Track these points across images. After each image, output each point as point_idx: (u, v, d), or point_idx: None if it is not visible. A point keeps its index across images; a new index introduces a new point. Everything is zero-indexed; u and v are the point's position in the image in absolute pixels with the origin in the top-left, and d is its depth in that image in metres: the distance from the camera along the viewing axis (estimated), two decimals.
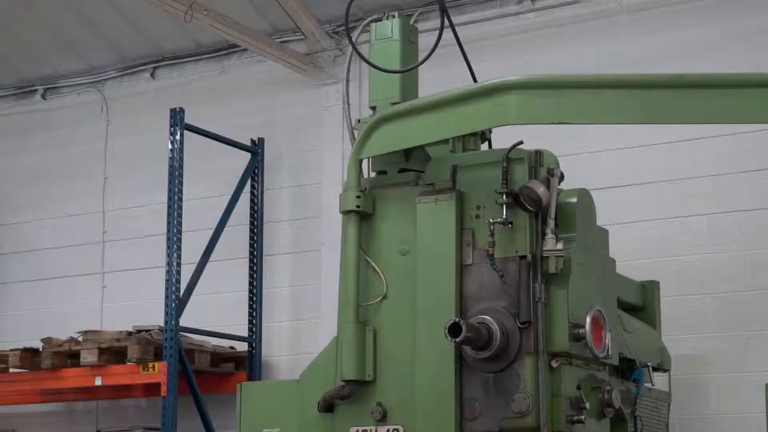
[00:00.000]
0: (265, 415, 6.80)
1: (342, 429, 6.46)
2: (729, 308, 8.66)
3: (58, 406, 11.24)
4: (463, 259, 6.29)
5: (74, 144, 11.68)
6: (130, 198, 11.27)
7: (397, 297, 6.44)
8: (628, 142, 9.10)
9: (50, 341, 10.02)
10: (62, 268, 11.46)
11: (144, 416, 10.67)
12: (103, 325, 10.91)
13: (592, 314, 6.20)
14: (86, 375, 9.74)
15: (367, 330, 6.44)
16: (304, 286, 10.34)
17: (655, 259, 8.83)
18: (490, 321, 6.05)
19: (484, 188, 6.28)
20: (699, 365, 8.65)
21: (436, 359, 6.18)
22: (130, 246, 11.18)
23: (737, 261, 8.69)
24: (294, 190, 10.58)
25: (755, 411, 8.06)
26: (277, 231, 10.54)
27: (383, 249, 6.53)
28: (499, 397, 6.07)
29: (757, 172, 8.75)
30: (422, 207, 6.40)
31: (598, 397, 6.34)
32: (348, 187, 6.58)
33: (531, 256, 6.10)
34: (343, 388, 6.41)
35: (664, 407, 7.74)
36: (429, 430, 6.17)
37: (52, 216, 11.66)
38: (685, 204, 8.93)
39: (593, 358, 6.28)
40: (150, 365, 9.40)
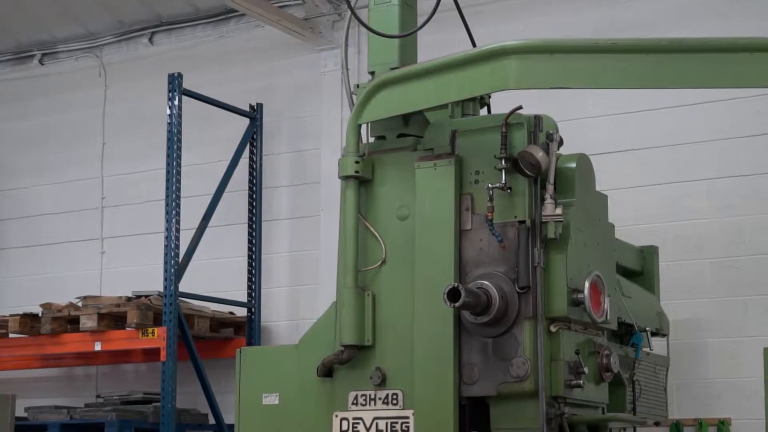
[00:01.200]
0: (264, 380, 6.82)
1: (341, 394, 6.48)
2: (727, 273, 8.68)
3: (58, 372, 11.28)
4: (462, 224, 6.29)
5: (72, 109, 11.67)
6: (128, 163, 11.27)
7: (396, 262, 6.44)
8: (628, 107, 9.09)
9: (49, 306, 10.04)
10: (61, 234, 11.48)
11: (143, 381, 10.71)
12: (102, 291, 10.94)
13: (591, 279, 6.20)
14: (86, 340, 9.77)
15: (366, 295, 6.45)
16: (303, 252, 10.35)
17: (653, 225, 8.85)
18: (488, 286, 6.06)
19: (483, 153, 6.27)
20: (697, 330, 8.68)
21: (435, 324, 6.19)
22: (128, 212, 11.18)
23: (736, 226, 8.70)
24: (293, 156, 10.57)
25: (753, 375, 8.10)
26: (276, 196, 10.54)
27: (382, 214, 6.53)
28: (498, 361, 6.08)
29: (756, 137, 8.75)
30: (421, 172, 6.39)
31: (596, 361, 6.35)
32: (347, 152, 6.57)
33: (530, 221, 6.10)
34: (342, 353, 6.43)
35: (662, 372, 7.77)
36: (428, 394, 6.18)
37: (50, 182, 11.67)
38: (684, 169, 8.93)
39: (592, 322, 6.29)
40: (149, 330, 9.43)
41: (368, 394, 6.40)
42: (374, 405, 6.37)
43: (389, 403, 6.34)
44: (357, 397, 6.43)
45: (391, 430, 6.31)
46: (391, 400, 6.34)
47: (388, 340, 6.39)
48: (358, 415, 6.42)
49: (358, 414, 6.42)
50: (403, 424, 6.28)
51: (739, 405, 8.50)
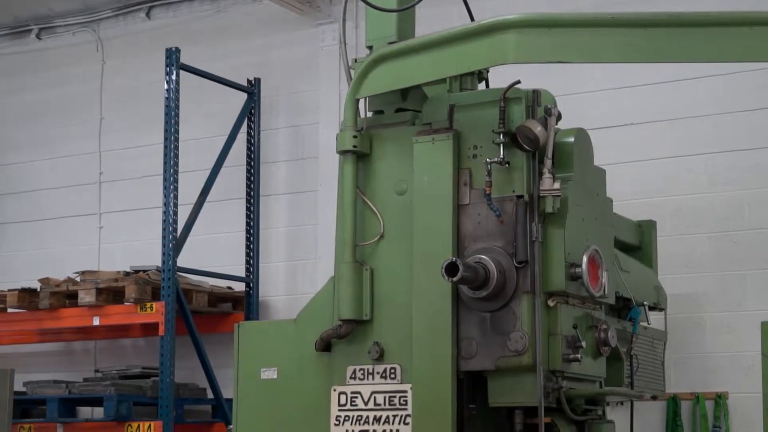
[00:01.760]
0: (263, 355, 6.83)
1: (339, 368, 6.49)
2: (725, 247, 8.69)
3: (57, 346, 11.29)
4: (460, 199, 6.28)
5: (70, 84, 11.64)
6: (126, 138, 11.25)
7: (394, 237, 6.44)
8: (627, 82, 9.08)
9: (48, 281, 10.04)
10: (59, 209, 11.47)
11: (142, 356, 10.72)
12: (100, 266, 10.94)
13: (589, 253, 6.21)
14: (84, 315, 9.78)
15: (364, 270, 6.45)
16: (301, 227, 10.35)
17: (652, 199, 8.85)
18: (487, 260, 6.06)
19: (482, 128, 6.26)
20: (695, 304, 8.69)
21: (433, 298, 6.20)
22: (126, 186, 11.17)
23: (734, 200, 8.70)
24: (290, 131, 10.56)
25: (751, 349, 8.12)
26: (274, 171, 10.53)
27: (380, 189, 6.53)
28: (496, 336, 6.09)
29: (756, 112, 8.74)
30: (419, 147, 6.39)
31: (594, 335, 6.36)
32: (345, 126, 6.56)
33: (528, 195, 6.10)
34: (340, 327, 6.44)
35: (660, 346, 7.78)
36: (426, 369, 6.19)
37: (48, 156, 11.65)
38: (683, 144, 8.92)
39: (590, 297, 6.30)
40: (148, 305, 9.44)
41: (366, 369, 6.41)
42: (372, 379, 6.38)
43: (387, 377, 6.35)
44: (355, 372, 6.44)
45: (389, 404, 6.32)
46: (389, 374, 6.35)
47: (386, 315, 6.39)
48: (356, 390, 6.43)
49: (356, 388, 6.43)
50: (401, 398, 6.30)
51: (736, 379, 8.52)
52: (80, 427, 9.73)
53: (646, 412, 8.57)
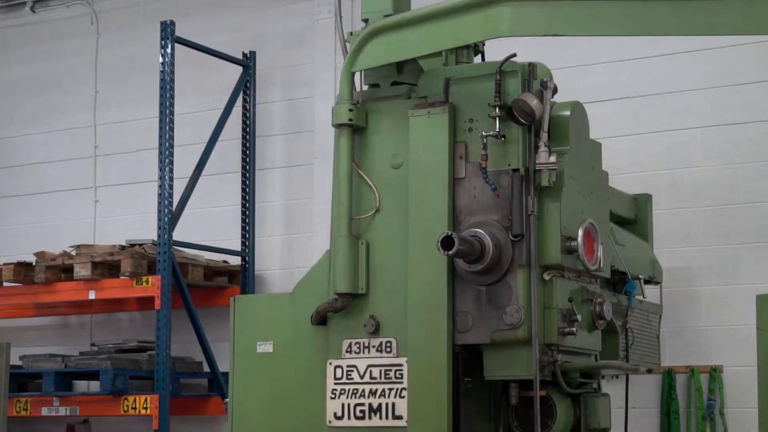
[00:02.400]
0: (259, 328, 6.84)
1: (335, 341, 6.50)
2: (720, 221, 8.69)
3: (53, 320, 11.30)
4: (456, 173, 6.28)
5: (64, 58, 11.60)
6: (121, 112, 11.22)
7: (389, 210, 6.44)
8: (622, 55, 9.06)
9: (43, 255, 10.03)
10: (54, 183, 11.45)
11: (138, 330, 10.73)
12: (96, 240, 10.93)
13: (585, 227, 6.21)
14: (80, 289, 9.77)
15: (360, 243, 6.45)
16: (296, 200, 10.35)
17: (647, 173, 8.84)
18: (482, 234, 6.07)
19: (477, 101, 6.26)
20: (690, 278, 8.70)
21: (428, 272, 6.21)
22: (122, 160, 11.15)
23: (729, 174, 8.70)
24: (286, 104, 10.53)
25: (746, 323, 8.13)
26: (270, 145, 10.52)
27: (376, 162, 6.52)
28: (492, 309, 6.10)
29: (751, 85, 8.72)
30: (415, 120, 6.38)
31: (589, 309, 6.37)
32: (340, 100, 6.55)
33: (524, 169, 6.10)
34: (336, 301, 6.44)
35: (655, 319, 7.80)
36: (421, 342, 6.21)
37: (43, 130, 11.62)
38: (678, 117, 8.91)
39: (585, 270, 6.31)
40: (143, 279, 9.43)
41: (362, 342, 6.43)
42: (368, 353, 6.40)
43: (383, 350, 6.36)
44: (351, 345, 6.45)
45: (384, 378, 6.34)
46: (384, 347, 6.36)
47: (381, 288, 6.40)
48: (352, 363, 6.45)
49: (352, 362, 6.45)
50: (397, 371, 6.31)
51: (731, 352, 8.54)
52: (76, 401, 9.74)
53: (641, 386, 8.60)
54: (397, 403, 6.29)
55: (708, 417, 8.52)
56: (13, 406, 9.63)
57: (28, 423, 10.98)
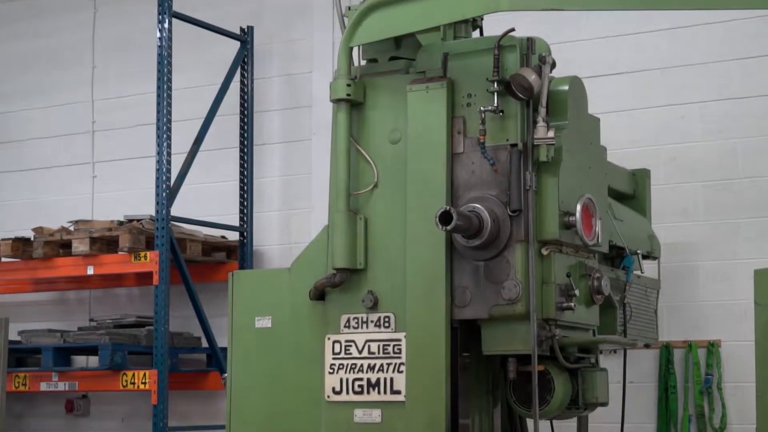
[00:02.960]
0: (257, 303, 6.84)
1: (333, 317, 6.50)
2: (719, 196, 8.69)
3: (51, 296, 11.31)
4: (454, 148, 6.27)
5: (61, 32, 11.56)
6: (119, 87, 11.20)
7: (388, 185, 6.43)
8: (621, 30, 9.03)
9: (41, 231, 10.03)
10: (52, 158, 11.44)
11: (136, 305, 10.74)
12: (94, 215, 10.93)
13: (583, 202, 6.21)
14: (78, 264, 9.78)
15: (358, 218, 6.45)
16: (294, 176, 10.34)
17: (646, 148, 8.83)
18: (480, 209, 6.06)
19: (476, 76, 6.24)
20: (688, 253, 8.70)
21: (426, 247, 6.20)
22: (119, 136, 11.14)
23: (729, 149, 8.69)
24: (284, 79, 10.51)
25: (743, 298, 8.15)
26: (268, 120, 10.50)
27: (374, 137, 6.51)
28: (490, 284, 6.10)
29: (751, 60, 8.71)
30: (413, 95, 6.36)
31: (587, 284, 6.37)
32: (338, 75, 6.53)
33: (522, 144, 6.09)
34: (334, 276, 6.44)
35: (653, 294, 7.81)
36: (420, 317, 6.21)
37: (40, 105, 11.59)
38: (677, 92, 8.90)
39: (583, 245, 6.31)
40: (142, 254, 9.44)
41: (360, 317, 6.43)
42: (366, 328, 6.40)
43: (381, 326, 6.37)
44: (349, 320, 6.46)
45: (383, 353, 6.35)
46: (383, 323, 6.37)
47: (380, 264, 6.40)
48: (351, 338, 6.45)
49: (351, 337, 6.45)
50: (395, 346, 6.32)
51: (729, 327, 8.55)
52: (75, 376, 9.76)
53: (638, 360, 8.62)
54: (396, 378, 6.30)
55: (705, 391, 8.55)
56: (12, 381, 9.65)
57: (27, 398, 11.01)
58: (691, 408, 8.59)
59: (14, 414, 10.87)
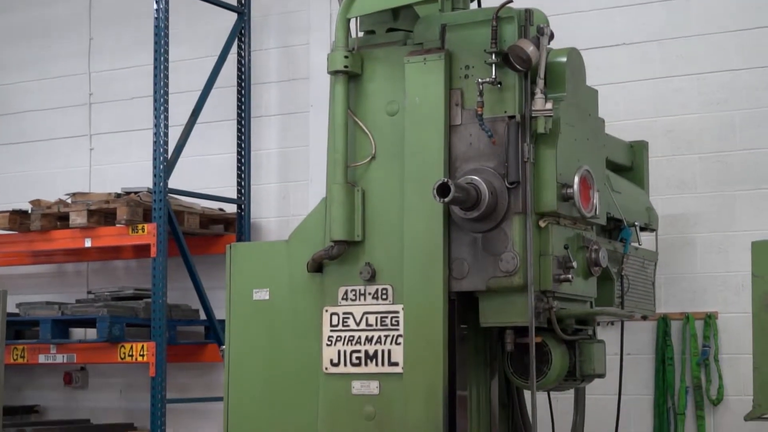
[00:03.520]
0: (255, 276, 6.84)
1: (331, 289, 6.51)
2: (717, 168, 8.69)
3: (49, 268, 11.31)
4: (452, 119, 6.26)
5: (58, 4, 11.52)
6: (115, 59, 11.17)
7: (385, 157, 6.43)
8: (619, 1, 9.01)
9: (39, 203, 10.03)
10: (49, 131, 11.42)
11: (134, 278, 10.75)
12: (91, 188, 10.93)
13: (581, 174, 6.20)
14: (76, 237, 9.78)
15: (355, 191, 6.44)
16: (292, 148, 10.33)
17: (643, 119, 8.82)
18: (478, 181, 6.06)
19: (473, 48, 6.22)
20: (686, 225, 8.71)
21: (424, 219, 6.20)
22: (116, 108, 11.12)
23: (725, 121, 8.68)
24: (281, 51, 10.48)
25: (741, 269, 8.17)
26: (265, 92, 10.48)
27: (371, 109, 6.49)
28: (488, 256, 6.10)
29: (748, 31, 8.68)
30: (411, 67, 6.35)
31: (585, 256, 6.37)
32: (336, 47, 6.51)
33: (520, 116, 6.07)
34: (332, 248, 6.44)
35: (650, 266, 7.81)
36: (417, 289, 6.22)
37: (36, 77, 11.56)
38: (675, 63, 8.88)
39: (581, 217, 6.31)
40: (139, 227, 9.43)
41: (358, 290, 6.43)
42: (364, 300, 6.41)
43: (379, 298, 6.37)
44: (347, 293, 6.46)
45: (380, 325, 6.35)
46: (380, 295, 6.37)
47: (377, 236, 6.40)
48: (348, 310, 6.46)
49: (348, 309, 6.46)
50: (393, 318, 6.32)
51: (726, 299, 8.57)
52: (73, 348, 9.78)
53: (636, 332, 8.63)
54: (393, 350, 6.31)
55: (702, 363, 8.57)
56: (11, 353, 9.67)
57: (26, 370, 11.03)
58: (688, 379, 8.61)
59: (13, 386, 10.89)
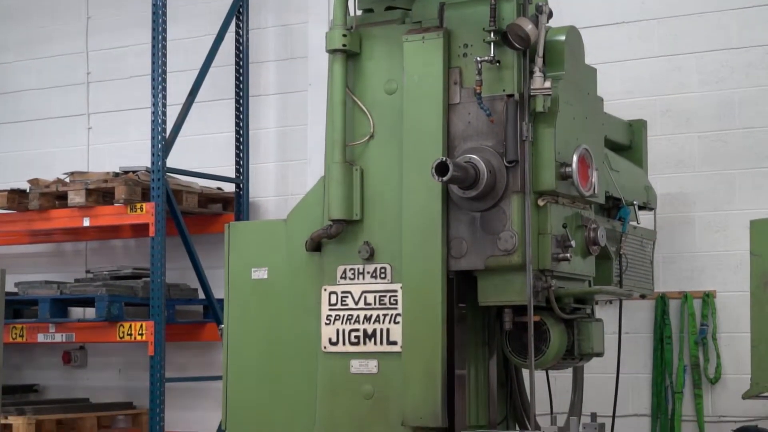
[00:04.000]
0: (253, 255, 6.84)
1: (330, 267, 6.51)
2: (715, 147, 8.68)
3: (47, 247, 11.31)
4: (451, 98, 6.25)
5: None
6: (113, 38, 11.14)
7: (384, 136, 6.42)
8: None
9: (37, 182, 10.02)
10: (47, 110, 11.40)
11: (132, 257, 10.75)
12: (89, 167, 10.92)
13: (579, 153, 6.20)
14: (74, 216, 9.78)
15: (354, 169, 6.44)
16: (290, 127, 10.32)
17: (642, 98, 8.81)
18: (477, 160, 6.05)
19: (472, 26, 6.20)
20: (684, 204, 8.71)
21: (423, 198, 6.20)
22: (114, 87, 11.09)
23: (724, 99, 8.67)
24: (279, 30, 10.46)
25: (739, 248, 8.17)
26: (263, 71, 10.46)
27: (370, 88, 6.48)
28: (486, 235, 6.10)
29: (747, 9, 8.67)
30: (409, 45, 6.33)
31: (583, 235, 6.37)
32: (334, 25, 6.50)
33: (518, 94, 6.07)
34: (330, 227, 6.44)
35: (649, 245, 7.81)
36: (416, 268, 6.22)
37: (34, 57, 11.53)
38: (674, 42, 8.86)
39: (579, 196, 6.30)
40: (138, 206, 9.43)
41: (357, 268, 6.44)
42: (363, 279, 6.41)
43: (377, 277, 6.38)
44: (345, 271, 6.46)
45: (379, 304, 6.36)
46: (379, 274, 6.37)
47: (376, 215, 6.40)
48: (347, 289, 6.46)
49: (347, 288, 6.46)
50: (392, 297, 6.33)
51: (724, 278, 8.58)
52: (72, 327, 9.79)
53: (634, 311, 8.65)
54: (392, 329, 6.32)
55: (700, 342, 8.58)
56: (10, 332, 9.68)
57: (25, 349, 11.05)
58: (686, 358, 8.62)
59: (12, 365, 10.92)
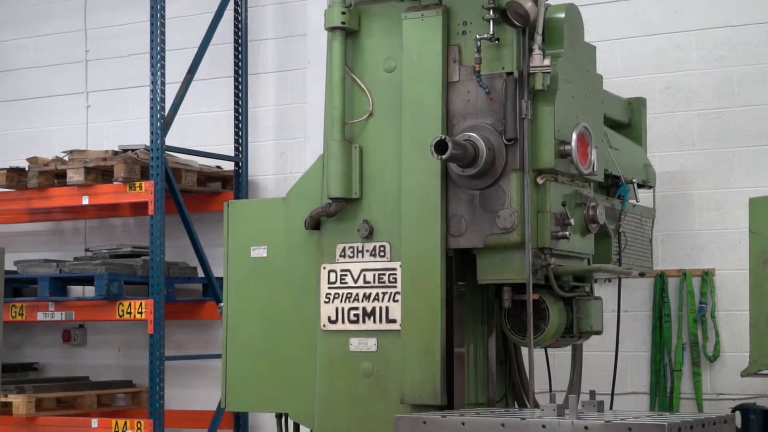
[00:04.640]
0: (252, 233, 6.85)
1: (329, 246, 6.52)
2: (715, 124, 8.67)
3: (46, 226, 11.31)
4: (450, 76, 6.25)
5: None
6: (112, 16, 11.11)
7: (383, 114, 6.42)
8: None
9: (36, 160, 10.01)
10: (45, 88, 11.38)
11: (132, 235, 10.75)
12: (88, 145, 10.90)
13: (579, 131, 6.20)
14: (73, 194, 9.76)
15: (353, 148, 6.43)
16: (289, 105, 10.30)
17: (642, 76, 8.79)
18: (476, 138, 6.05)
19: (471, 4, 6.19)
20: (684, 181, 8.70)
21: (422, 176, 6.20)
22: (113, 65, 11.07)
23: (724, 77, 8.65)
24: (278, 7, 10.42)
25: (738, 226, 8.17)
26: (262, 49, 10.43)
27: (369, 66, 6.48)
28: (485, 213, 6.11)
29: None
30: (408, 23, 6.32)
31: (583, 213, 6.38)
32: (333, 2, 6.48)
33: (518, 72, 6.06)
34: (329, 205, 6.44)
35: (648, 223, 7.82)
36: (415, 246, 6.22)
37: (31, 35, 11.50)
38: (673, 20, 8.84)
39: (579, 174, 6.30)
40: (137, 184, 9.42)
41: (356, 247, 6.44)
42: (362, 257, 6.42)
43: (377, 255, 6.38)
44: (345, 250, 6.47)
45: (378, 282, 6.37)
46: (378, 252, 6.38)
47: (375, 193, 6.40)
48: (346, 267, 6.47)
49: (346, 266, 6.47)
50: (391, 275, 6.34)
51: (723, 256, 8.57)
52: (72, 306, 9.79)
53: (633, 289, 8.65)
54: (391, 307, 6.33)
55: (699, 320, 8.59)
56: (9, 311, 9.69)
57: (24, 328, 11.06)
58: (685, 336, 8.63)
59: (11, 344, 10.93)
